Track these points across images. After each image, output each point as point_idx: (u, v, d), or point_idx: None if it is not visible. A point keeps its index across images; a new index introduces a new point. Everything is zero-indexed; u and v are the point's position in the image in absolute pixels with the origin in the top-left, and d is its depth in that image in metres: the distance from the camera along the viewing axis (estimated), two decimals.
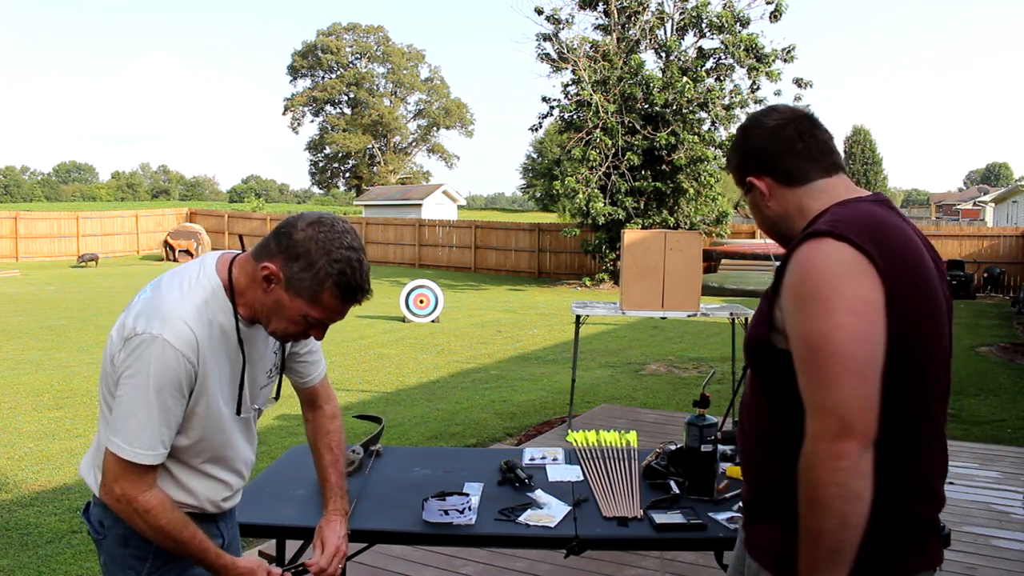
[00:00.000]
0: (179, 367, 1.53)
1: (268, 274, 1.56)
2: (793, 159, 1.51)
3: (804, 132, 1.52)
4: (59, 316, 13.09)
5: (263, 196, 67.17)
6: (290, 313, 1.58)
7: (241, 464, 1.79)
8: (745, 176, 1.56)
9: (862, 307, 1.31)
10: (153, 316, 1.54)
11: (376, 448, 2.83)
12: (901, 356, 1.36)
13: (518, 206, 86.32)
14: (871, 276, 1.34)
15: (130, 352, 1.53)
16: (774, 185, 1.53)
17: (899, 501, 1.42)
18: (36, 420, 6.52)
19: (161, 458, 1.57)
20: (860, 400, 1.28)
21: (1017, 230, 19.49)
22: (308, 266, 1.52)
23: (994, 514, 4.21)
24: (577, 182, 18.45)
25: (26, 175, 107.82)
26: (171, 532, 1.58)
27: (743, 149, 1.57)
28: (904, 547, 1.44)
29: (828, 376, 1.30)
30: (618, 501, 2.37)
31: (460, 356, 9.88)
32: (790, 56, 19.18)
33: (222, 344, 1.61)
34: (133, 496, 1.55)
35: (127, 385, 1.52)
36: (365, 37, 65.37)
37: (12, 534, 4.16)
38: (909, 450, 1.42)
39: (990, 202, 36.80)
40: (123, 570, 1.66)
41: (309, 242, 1.53)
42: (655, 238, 5.80)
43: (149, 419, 1.52)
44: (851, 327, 1.30)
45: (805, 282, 1.35)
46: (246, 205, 49.90)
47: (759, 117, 1.57)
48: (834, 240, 1.36)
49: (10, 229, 26.14)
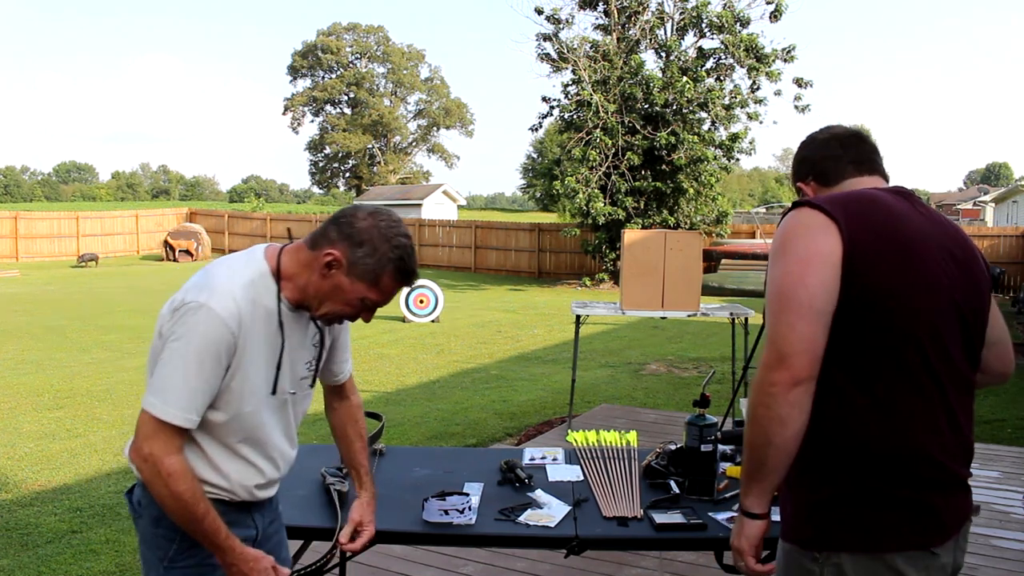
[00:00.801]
0: (221, 336, 1.60)
1: (331, 259, 1.66)
2: (831, 162, 1.72)
3: (846, 142, 1.73)
4: (59, 316, 13.09)
5: (263, 196, 67.14)
6: (348, 296, 1.69)
7: (275, 452, 1.81)
8: (796, 183, 1.79)
9: (811, 257, 1.48)
10: (202, 288, 1.62)
11: (379, 447, 2.83)
12: (862, 310, 1.48)
13: (518, 206, 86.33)
14: (831, 234, 1.49)
15: (177, 319, 1.60)
16: (816, 188, 1.74)
17: (869, 465, 1.49)
18: (36, 420, 6.52)
19: (192, 424, 1.62)
20: (795, 336, 1.44)
21: (1017, 230, 19.50)
22: (371, 252, 1.66)
23: (994, 514, 4.21)
24: (577, 182, 18.45)
25: (26, 175, 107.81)
26: (188, 501, 1.61)
27: (797, 160, 1.80)
28: (875, 519, 1.48)
29: (772, 314, 1.49)
30: (618, 501, 2.37)
31: (460, 356, 9.89)
32: (790, 56, 19.18)
33: (264, 324, 1.68)
34: (159, 457, 1.59)
35: (170, 349, 1.60)
36: (365, 37, 65.38)
37: (12, 534, 4.16)
38: (882, 411, 1.49)
39: (990, 202, 36.79)
40: (153, 549, 1.72)
41: (372, 230, 1.66)
42: (655, 238, 5.80)
43: (187, 382, 1.59)
44: (794, 273, 1.48)
45: (775, 239, 1.57)
46: (246, 205, 49.91)
47: (813, 133, 1.81)
48: (808, 208, 1.55)
49: (10, 229, 26.15)
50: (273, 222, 29.50)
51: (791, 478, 1.54)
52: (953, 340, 1.54)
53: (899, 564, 1.48)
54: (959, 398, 1.55)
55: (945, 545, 1.52)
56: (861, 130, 1.81)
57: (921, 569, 1.49)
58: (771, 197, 63.00)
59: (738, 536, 1.58)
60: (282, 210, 45.70)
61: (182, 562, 1.70)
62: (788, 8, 19.09)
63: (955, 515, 1.55)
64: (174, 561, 1.70)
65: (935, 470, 1.51)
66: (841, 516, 1.50)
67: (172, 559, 1.70)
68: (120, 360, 9.24)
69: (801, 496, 1.55)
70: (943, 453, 1.52)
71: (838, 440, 1.50)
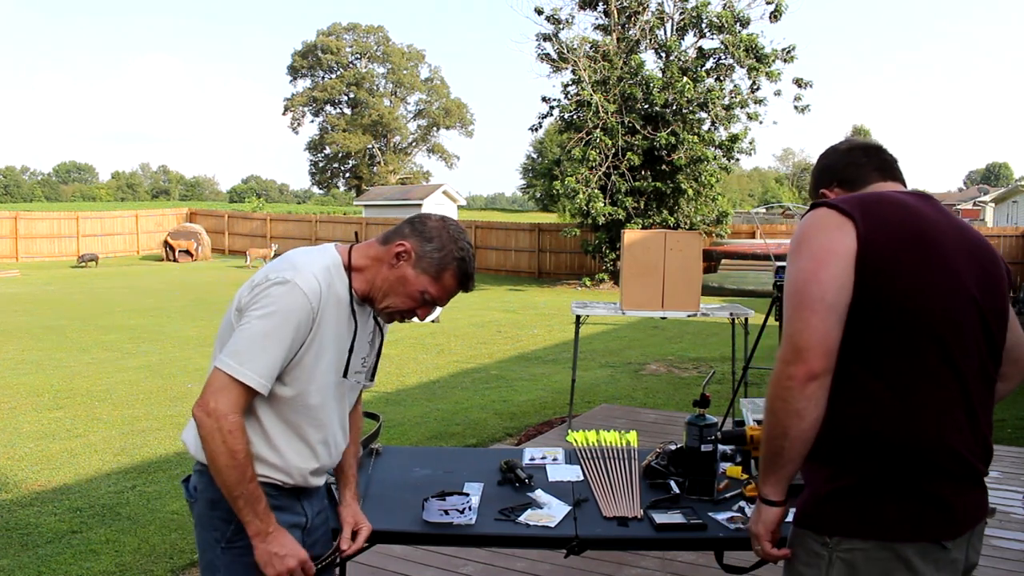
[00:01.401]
0: (302, 310, 1.69)
1: (402, 250, 1.78)
2: (854, 168, 1.78)
3: (868, 150, 1.80)
4: (59, 316, 13.09)
5: (263, 196, 67.14)
6: (411, 288, 1.79)
7: (331, 438, 1.86)
8: (819, 190, 1.83)
9: (824, 255, 1.52)
10: (286, 268, 1.72)
11: (376, 447, 2.83)
12: (880, 305, 1.51)
13: (518, 206, 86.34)
14: (847, 232, 1.53)
15: (260, 292, 1.69)
16: (841, 193, 1.78)
17: (887, 455, 1.51)
18: (36, 420, 6.52)
19: (264, 388, 1.69)
20: (810, 331, 1.49)
21: (1017, 230, 19.50)
22: (439, 248, 1.78)
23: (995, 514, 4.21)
24: (577, 182, 18.45)
25: (26, 175, 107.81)
26: (241, 459, 1.66)
27: (819, 169, 1.86)
28: (889, 509, 1.51)
29: (789, 310, 1.54)
30: (618, 501, 2.37)
31: (460, 356, 9.89)
32: (790, 56, 19.19)
33: (336, 309, 1.77)
34: (223, 413, 1.64)
35: (251, 317, 1.68)
36: (365, 37, 65.39)
37: (12, 534, 4.16)
38: (902, 404, 1.51)
39: (990, 202, 36.78)
40: (209, 531, 1.78)
41: (441, 230, 1.80)
42: (655, 238, 5.80)
43: (265, 348, 1.66)
44: (808, 270, 1.52)
45: (793, 239, 1.62)
46: (246, 205, 49.92)
47: (835, 144, 1.87)
48: (826, 208, 1.60)
49: (10, 229, 26.14)
50: (273, 222, 29.50)
51: (808, 466, 1.59)
52: (975, 339, 1.57)
53: (908, 554, 1.50)
54: (981, 397, 1.59)
55: (957, 540, 1.54)
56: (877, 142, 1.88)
57: (930, 562, 1.51)
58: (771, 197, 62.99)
59: (756, 522, 1.64)
60: (282, 210, 45.68)
61: (239, 542, 1.75)
62: (788, 8, 19.12)
63: (970, 511, 1.57)
64: (231, 541, 1.76)
65: (954, 463, 1.53)
66: (856, 504, 1.52)
67: (230, 539, 1.76)
68: (120, 360, 9.24)
69: (818, 484, 1.58)
70: (963, 447, 1.54)
71: (858, 431, 1.53)
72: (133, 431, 6.20)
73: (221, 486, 1.68)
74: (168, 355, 9.61)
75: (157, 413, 6.77)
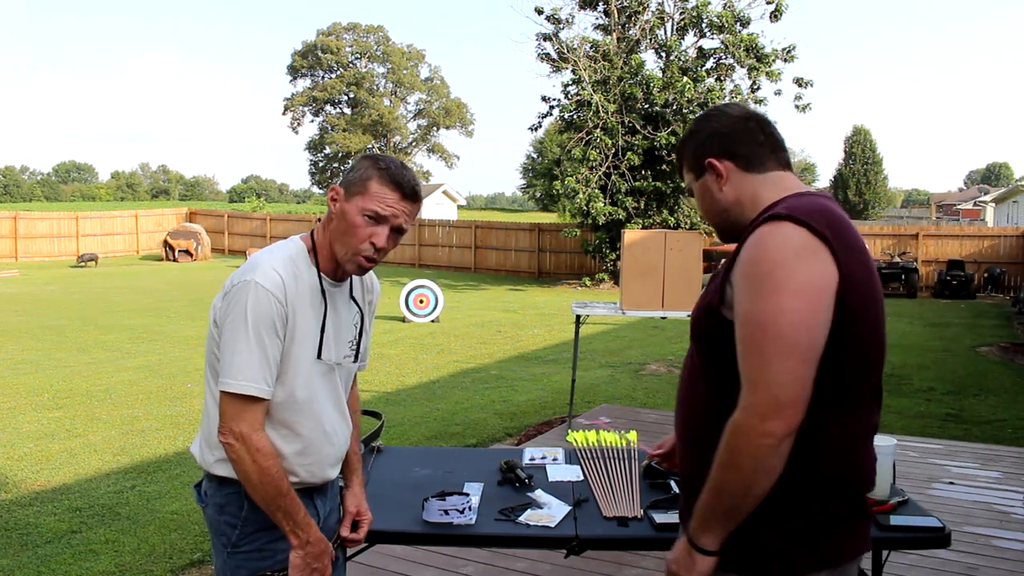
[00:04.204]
0: (271, 307, 1.69)
1: (333, 194, 1.78)
2: (754, 147, 1.55)
3: (764, 127, 1.57)
4: (59, 316, 13.08)
5: (263, 196, 67.13)
6: (353, 219, 1.74)
7: (328, 425, 1.84)
8: (705, 158, 1.57)
9: (811, 293, 1.34)
10: (246, 270, 1.73)
11: (377, 444, 2.83)
12: (846, 344, 1.39)
13: (518, 206, 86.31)
14: (827, 261, 1.36)
15: (229, 301, 1.70)
16: (733, 169, 1.55)
17: (838, 491, 1.47)
18: (36, 420, 6.51)
19: (267, 393, 1.70)
20: (794, 382, 1.32)
21: (1017, 230, 19.48)
22: (358, 168, 1.78)
23: (995, 514, 4.20)
24: (577, 182, 18.44)
25: (26, 175, 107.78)
26: (275, 475, 1.68)
27: (706, 132, 1.59)
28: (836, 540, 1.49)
29: (767, 355, 1.33)
30: (618, 501, 2.36)
31: (460, 356, 9.88)
32: (790, 56, 19.17)
33: (308, 297, 1.77)
34: (248, 435, 1.67)
35: (227, 328, 1.69)
36: (365, 37, 65.33)
37: (12, 534, 4.15)
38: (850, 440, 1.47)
39: (990, 202, 36.79)
40: (218, 535, 1.80)
41: (362, 159, 1.81)
42: (655, 238, 5.79)
43: (250, 353, 1.67)
44: (797, 311, 1.33)
45: (761, 261, 1.37)
46: (246, 205, 49.90)
47: (721, 107, 1.62)
48: (793, 224, 1.38)
49: (10, 229, 26.12)
50: (273, 222, 29.48)
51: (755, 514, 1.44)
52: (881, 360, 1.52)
53: (852, 572, 1.53)
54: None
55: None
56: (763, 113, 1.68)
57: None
58: None
59: (688, 569, 1.46)
60: (282, 210, 45.68)
61: (244, 547, 1.77)
62: (788, 8, 19.09)
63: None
64: (236, 546, 1.77)
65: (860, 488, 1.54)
66: (809, 541, 1.45)
67: (235, 544, 1.77)
68: (120, 360, 9.24)
69: (768, 529, 1.45)
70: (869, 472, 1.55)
71: (813, 471, 1.44)
72: (133, 431, 6.20)
73: (260, 503, 1.70)
74: (168, 355, 9.60)
75: (157, 413, 6.77)
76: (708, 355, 1.53)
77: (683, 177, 1.67)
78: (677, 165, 1.68)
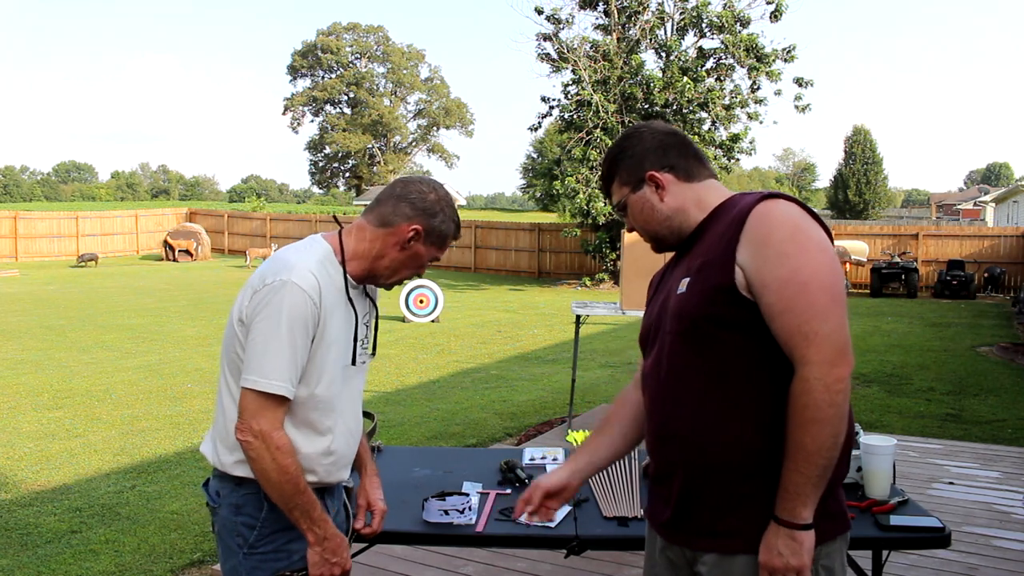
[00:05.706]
0: (307, 308, 1.70)
1: (415, 233, 1.81)
2: (689, 159, 1.67)
3: (687, 144, 1.69)
4: (59, 316, 13.08)
5: (263, 196, 67.09)
6: (423, 260, 1.86)
7: (344, 424, 1.85)
8: (644, 172, 1.66)
9: (829, 250, 1.47)
10: (280, 268, 1.71)
11: (376, 444, 2.83)
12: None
13: (518, 206, 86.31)
14: (821, 229, 1.51)
15: (262, 299, 1.69)
16: (673, 180, 1.65)
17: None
18: (36, 420, 6.51)
19: (291, 394, 1.70)
20: (844, 327, 1.43)
21: (1017, 230, 19.48)
22: (443, 220, 1.83)
23: (995, 514, 4.20)
24: (577, 182, 18.45)
25: (26, 175, 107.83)
26: (294, 473, 1.69)
27: (641, 149, 1.67)
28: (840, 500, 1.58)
29: (818, 307, 1.41)
30: (618, 501, 2.36)
31: (460, 356, 9.88)
32: (790, 56, 19.16)
33: (338, 299, 1.79)
34: (268, 432, 1.67)
35: (260, 325, 1.68)
36: (365, 37, 65.36)
37: (12, 534, 4.15)
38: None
39: (990, 202, 36.80)
40: (233, 537, 1.78)
41: (441, 202, 1.84)
42: None
43: (281, 353, 1.67)
44: (828, 264, 1.45)
45: (779, 228, 1.47)
46: (246, 205, 49.86)
47: (645, 125, 1.72)
48: (785, 201, 1.52)
49: (10, 229, 26.12)
50: (273, 222, 29.48)
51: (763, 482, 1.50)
52: None
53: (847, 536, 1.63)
54: None
55: None
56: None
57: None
58: None
59: (798, 553, 1.43)
60: (282, 210, 45.62)
61: (262, 548, 1.76)
62: (788, 8, 19.09)
63: None
64: (254, 547, 1.77)
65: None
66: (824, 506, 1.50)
67: (252, 545, 1.77)
68: (120, 360, 9.24)
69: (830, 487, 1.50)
70: None
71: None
72: (133, 431, 6.20)
73: (276, 501, 1.71)
74: (168, 355, 9.61)
75: (157, 413, 6.77)
76: (705, 346, 1.52)
77: (609, 193, 1.75)
78: (603, 183, 1.76)
